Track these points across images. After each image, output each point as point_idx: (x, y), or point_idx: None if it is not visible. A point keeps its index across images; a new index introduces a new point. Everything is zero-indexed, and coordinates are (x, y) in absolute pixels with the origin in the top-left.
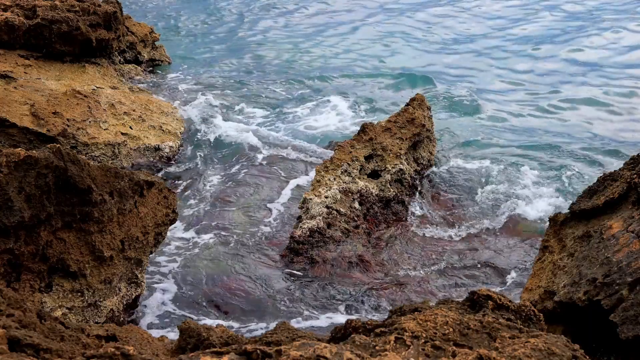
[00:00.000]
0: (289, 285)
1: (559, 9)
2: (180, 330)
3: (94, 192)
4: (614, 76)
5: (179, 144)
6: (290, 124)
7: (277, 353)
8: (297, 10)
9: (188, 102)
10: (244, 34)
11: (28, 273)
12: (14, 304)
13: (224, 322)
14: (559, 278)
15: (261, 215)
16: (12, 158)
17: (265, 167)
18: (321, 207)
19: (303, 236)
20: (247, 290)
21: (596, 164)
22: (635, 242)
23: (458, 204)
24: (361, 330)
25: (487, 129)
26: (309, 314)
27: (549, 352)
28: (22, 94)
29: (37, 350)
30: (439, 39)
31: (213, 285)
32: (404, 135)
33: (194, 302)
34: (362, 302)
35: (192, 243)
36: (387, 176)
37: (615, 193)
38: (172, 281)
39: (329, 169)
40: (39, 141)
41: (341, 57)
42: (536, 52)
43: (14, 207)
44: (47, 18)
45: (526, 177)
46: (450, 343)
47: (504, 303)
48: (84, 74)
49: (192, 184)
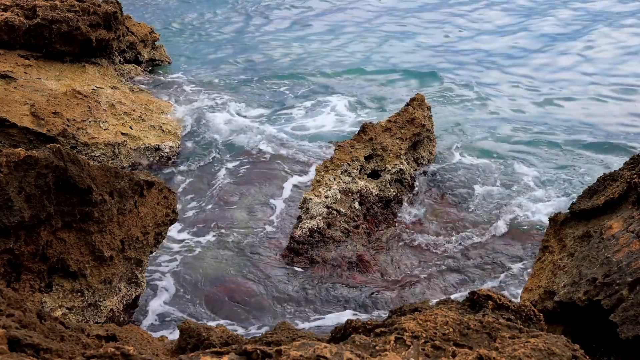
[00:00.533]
0: (289, 285)
1: (572, 6)
2: (180, 330)
3: (94, 192)
4: (619, 74)
5: (179, 144)
6: (291, 123)
7: (277, 353)
8: (299, 11)
9: (188, 102)
10: (245, 33)
11: (28, 273)
12: (14, 304)
13: (223, 322)
14: (559, 278)
15: (261, 215)
16: (12, 158)
17: (266, 166)
18: (321, 207)
19: (303, 236)
20: (247, 291)
21: (599, 161)
22: (635, 242)
23: (459, 204)
24: (361, 330)
25: (488, 127)
26: (309, 314)
27: (549, 352)
28: (22, 94)
29: (37, 350)
30: (444, 37)
31: (213, 286)
32: (404, 135)
33: (194, 302)
34: (361, 302)
35: (192, 243)
36: (387, 176)
37: (615, 193)
38: (172, 281)
39: (329, 169)
40: (39, 141)
41: (343, 56)
42: (543, 49)
43: (14, 207)
44: (47, 18)
45: (527, 175)
46: (450, 343)
47: (504, 303)
48: (84, 74)
49: (192, 184)
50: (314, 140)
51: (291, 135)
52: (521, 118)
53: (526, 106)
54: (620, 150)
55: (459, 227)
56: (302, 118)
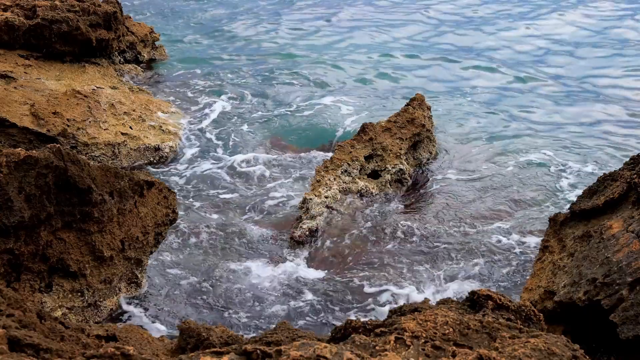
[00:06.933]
0: (288, 285)
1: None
2: (180, 330)
3: (94, 192)
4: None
5: (178, 143)
6: (291, 123)
7: (277, 353)
8: (302, 11)
9: (188, 102)
10: (246, 33)
11: (28, 273)
12: (14, 304)
13: (223, 322)
14: (559, 278)
15: (261, 215)
16: (12, 158)
17: (266, 166)
18: (321, 207)
19: (303, 236)
20: (247, 290)
21: (601, 159)
22: (635, 242)
23: (459, 203)
24: (361, 330)
25: (490, 125)
26: (309, 314)
27: (549, 352)
28: (22, 94)
29: (37, 350)
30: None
31: (213, 285)
32: (404, 135)
33: (194, 302)
34: (361, 301)
35: (192, 243)
36: (387, 176)
37: (615, 193)
38: (172, 281)
39: (329, 169)
40: (39, 141)
41: (344, 55)
42: (550, 48)
43: (14, 207)
44: (47, 18)
45: (528, 175)
46: (450, 343)
47: (504, 303)
48: (84, 74)
49: (192, 184)
50: (315, 140)
51: (292, 134)
52: (522, 116)
53: (529, 106)
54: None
55: (459, 227)
56: (305, 117)
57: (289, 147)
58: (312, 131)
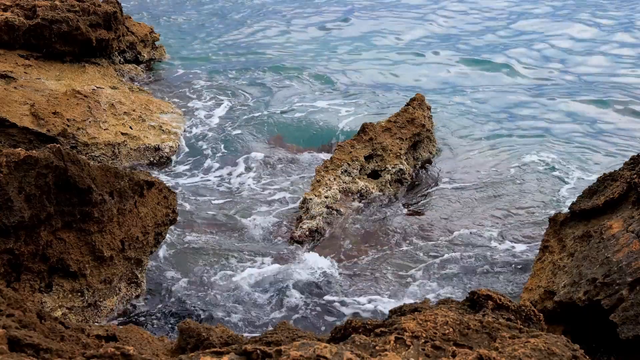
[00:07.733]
0: (288, 285)
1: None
2: (180, 330)
3: (94, 192)
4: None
5: (179, 144)
6: (292, 123)
7: (277, 353)
8: (303, 10)
9: (188, 102)
10: (247, 34)
11: (28, 273)
12: (14, 304)
13: (223, 322)
14: (559, 278)
15: (261, 215)
16: (12, 158)
17: (266, 166)
18: (321, 207)
19: (303, 236)
20: (246, 290)
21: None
22: (635, 242)
23: (459, 203)
24: (361, 330)
25: (490, 125)
26: (309, 314)
27: (549, 352)
28: (22, 94)
29: (37, 350)
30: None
31: (212, 285)
32: (404, 135)
33: (194, 302)
34: (361, 301)
35: (192, 243)
36: (387, 176)
37: (615, 193)
38: (172, 281)
39: (329, 169)
40: (39, 141)
41: (345, 55)
42: (556, 47)
43: (14, 207)
44: (47, 18)
45: (528, 175)
46: (450, 343)
47: (504, 303)
48: (84, 74)
49: (192, 184)
50: (315, 140)
51: (293, 134)
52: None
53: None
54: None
55: (460, 226)
56: (306, 117)
57: (289, 147)
58: (313, 131)
